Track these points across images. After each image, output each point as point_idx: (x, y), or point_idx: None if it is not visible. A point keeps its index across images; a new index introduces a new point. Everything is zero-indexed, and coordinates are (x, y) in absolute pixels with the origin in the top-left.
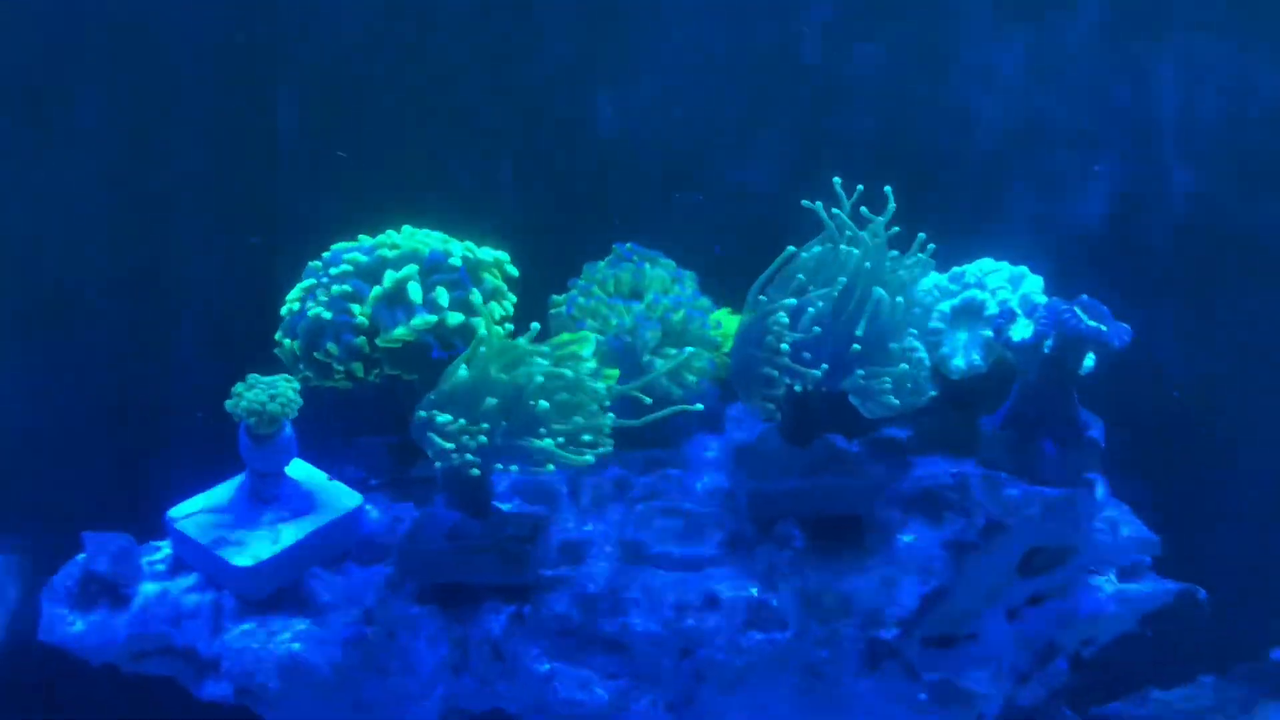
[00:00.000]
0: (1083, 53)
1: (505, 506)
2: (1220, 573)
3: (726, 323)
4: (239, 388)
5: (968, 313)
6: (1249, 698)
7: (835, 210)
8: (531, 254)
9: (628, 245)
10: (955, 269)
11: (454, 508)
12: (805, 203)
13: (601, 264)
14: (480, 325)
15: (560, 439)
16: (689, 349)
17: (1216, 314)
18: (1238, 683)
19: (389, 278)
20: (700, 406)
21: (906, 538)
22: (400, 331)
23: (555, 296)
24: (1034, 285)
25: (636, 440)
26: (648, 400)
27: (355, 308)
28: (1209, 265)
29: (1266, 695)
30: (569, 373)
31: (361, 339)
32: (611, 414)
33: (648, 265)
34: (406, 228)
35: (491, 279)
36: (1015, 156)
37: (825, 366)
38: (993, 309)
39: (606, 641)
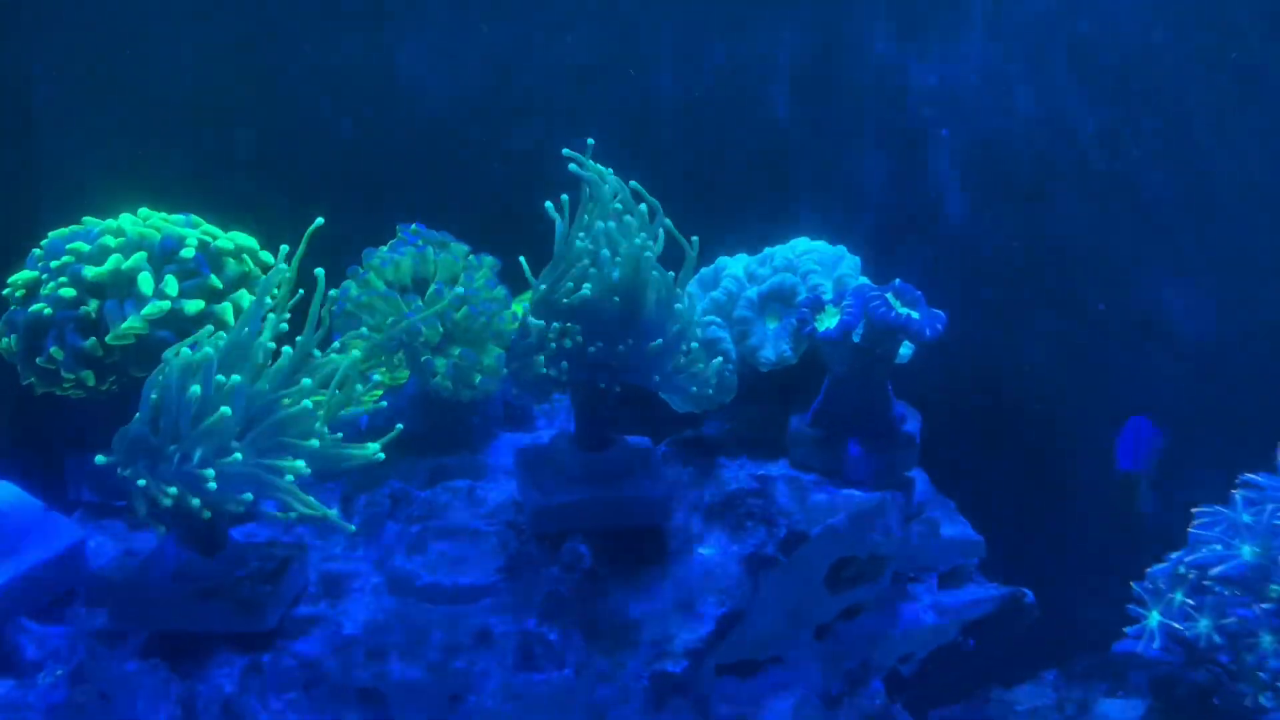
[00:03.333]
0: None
1: (265, 533)
2: (1064, 563)
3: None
4: None
5: (778, 299)
6: (1090, 693)
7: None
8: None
9: (412, 227)
10: (766, 250)
11: (184, 543)
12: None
13: (382, 249)
14: (228, 314)
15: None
16: (458, 350)
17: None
18: (1080, 678)
19: (112, 265)
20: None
21: (705, 551)
22: (131, 324)
23: (334, 292)
24: (849, 267)
25: (424, 446)
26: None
27: (68, 293)
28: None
29: (1107, 690)
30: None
31: (91, 341)
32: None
33: (431, 250)
34: (144, 210)
35: (237, 265)
36: (857, 128)
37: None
38: (803, 295)
39: (361, 692)
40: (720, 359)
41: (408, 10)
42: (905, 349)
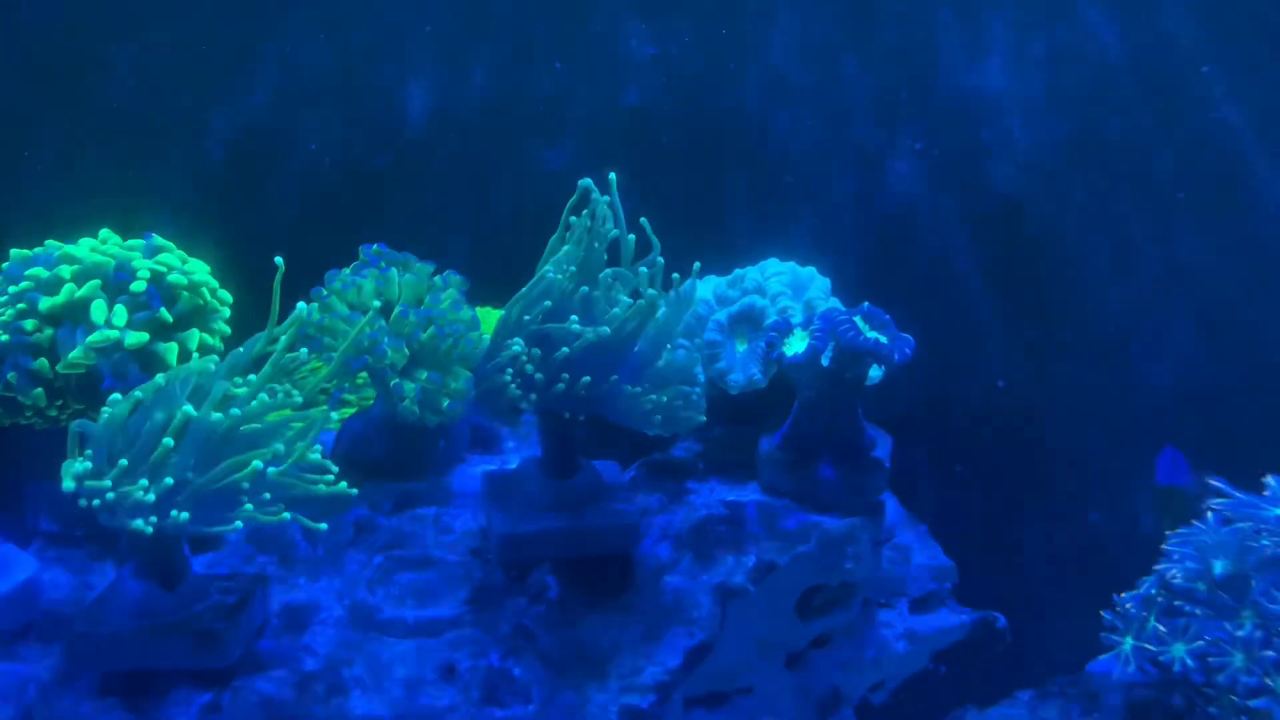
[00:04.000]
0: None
1: (228, 563)
2: (1038, 583)
3: (487, 323)
4: None
5: (747, 321)
6: (1066, 714)
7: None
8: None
9: (374, 248)
10: (736, 271)
11: (142, 575)
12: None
13: (344, 271)
14: (171, 354)
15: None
16: (425, 374)
17: (1026, 311)
18: (1055, 698)
19: (66, 294)
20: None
21: (673, 580)
22: (76, 354)
23: (302, 305)
24: (820, 289)
25: (390, 471)
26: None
27: (30, 324)
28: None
29: (1082, 711)
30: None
31: (42, 362)
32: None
33: (395, 271)
34: (104, 232)
35: (190, 299)
36: (821, 140)
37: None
38: (772, 318)
39: None
40: (687, 387)
41: (385, 27)
42: (875, 372)
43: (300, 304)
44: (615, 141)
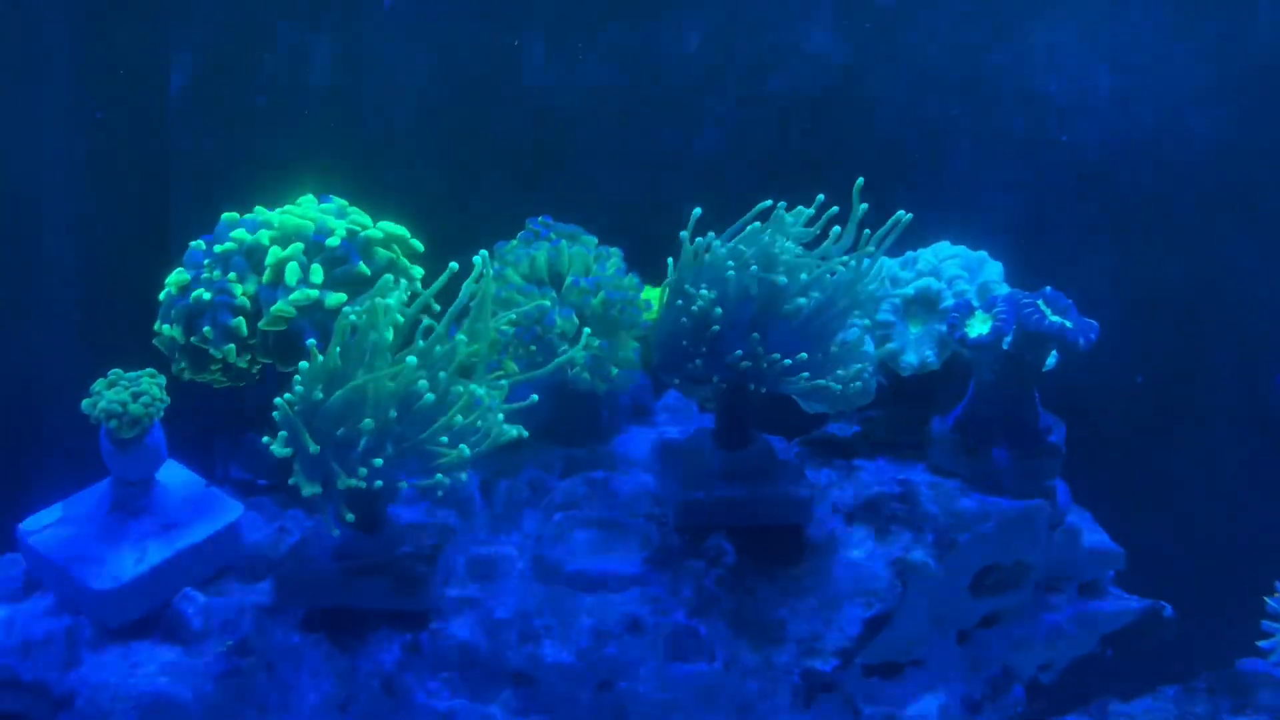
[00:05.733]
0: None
1: (408, 515)
2: (1189, 575)
3: (653, 297)
4: (98, 385)
5: (921, 303)
6: (1215, 710)
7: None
8: None
9: (540, 220)
10: (908, 254)
11: (344, 520)
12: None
13: (514, 243)
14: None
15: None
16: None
17: (1182, 299)
18: (1203, 694)
19: (271, 256)
20: None
21: (849, 553)
22: (280, 307)
23: (467, 284)
24: (994, 272)
25: (558, 437)
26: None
27: (237, 288)
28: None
29: (1233, 708)
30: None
31: (240, 320)
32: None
33: (564, 243)
34: (308, 198)
35: (385, 254)
36: (977, 131)
37: (738, 355)
38: (948, 301)
39: (514, 674)
40: (862, 366)
41: (531, 5)
42: (1050, 358)
43: (468, 283)
44: (767, 131)
